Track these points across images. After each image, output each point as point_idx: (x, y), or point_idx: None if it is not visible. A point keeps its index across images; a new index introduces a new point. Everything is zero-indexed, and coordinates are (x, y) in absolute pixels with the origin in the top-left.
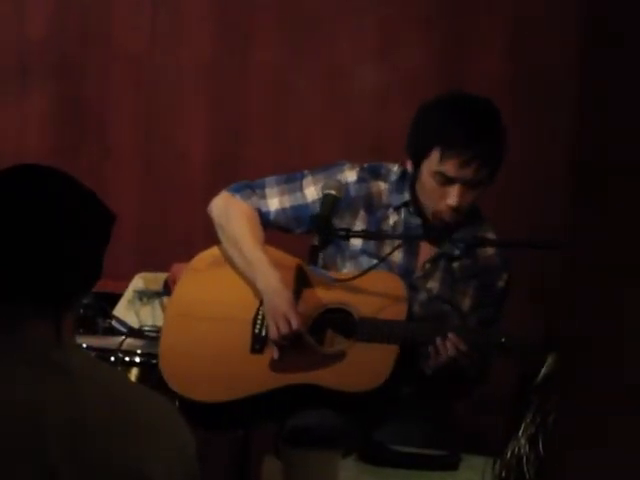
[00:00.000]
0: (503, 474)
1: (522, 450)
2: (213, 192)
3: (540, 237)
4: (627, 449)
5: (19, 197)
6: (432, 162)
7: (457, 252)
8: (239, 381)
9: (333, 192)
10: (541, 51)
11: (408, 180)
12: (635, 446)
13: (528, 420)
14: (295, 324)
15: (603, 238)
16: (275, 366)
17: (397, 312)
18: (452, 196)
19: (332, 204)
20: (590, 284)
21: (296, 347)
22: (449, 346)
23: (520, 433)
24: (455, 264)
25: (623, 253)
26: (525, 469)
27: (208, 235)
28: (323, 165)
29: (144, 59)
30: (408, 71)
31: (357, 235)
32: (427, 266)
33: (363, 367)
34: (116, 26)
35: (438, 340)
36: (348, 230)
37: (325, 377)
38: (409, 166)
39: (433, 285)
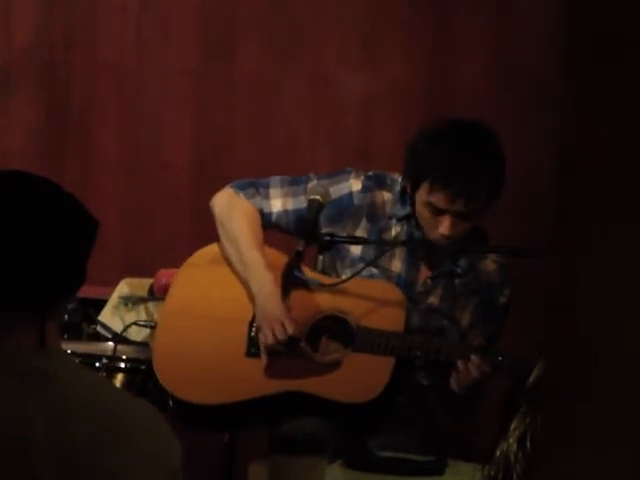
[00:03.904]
0: (492, 473)
1: (510, 449)
2: (198, 199)
3: (527, 245)
4: (613, 448)
5: (1, 202)
6: (423, 193)
7: (459, 270)
8: (232, 385)
9: (318, 198)
10: (526, 58)
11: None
12: (621, 444)
13: (517, 421)
14: (291, 329)
15: (590, 241)
16: (269, 371)
17: (395, 322)
18: (444, 226)
19: (318, 210)
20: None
21: (291, 353)
22: (472, 368)
23: (509, 433)
24: (457, 281)
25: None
26: (512, 467)
27: (193, 241)
28: (329, 172)
29: (129, 67)
30: (393, 78)
31: (343, 241)
32: (429, 282)
33: (358, 378)
34: (101, 35)
35: (460, 363)
36: (332, 235)
37: (319, 386)
38: (409, 189)
39: (433, 300)
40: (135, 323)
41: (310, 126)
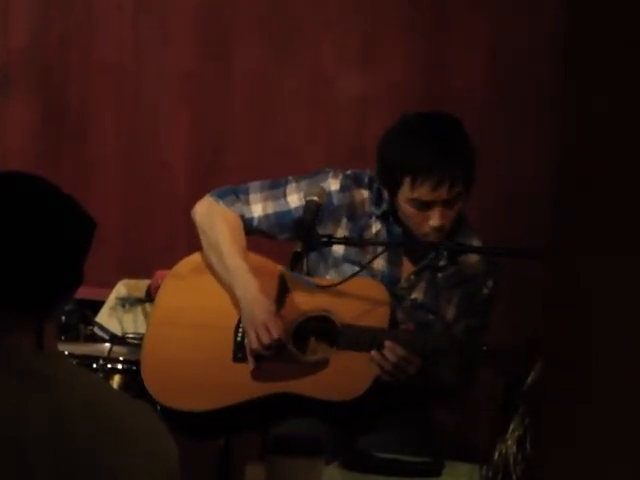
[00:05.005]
0: (490, 474)
1: (509, 451)
2: (195, 200)
3: (523, 245)
4: (611, 446)
5: None
6: (405, 190)
7: (442, 263)
8: (221, 390)
9: (316, 199)
10: (525, 58)
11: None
12: (619, 442)
13: (516, 423)
14: (276, 332)
15: (586, 241)
16: (257, 375)
17: (379, 319)
18: (434, 218)
19: (315, 211)
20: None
21: (278, 356)
22: (387, 354)
23: (507, 435)
24: (440, 274)
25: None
26: (512, 469)
27: (191, 242)
28: (307, 173)
29: (126, 67)
30: (392, 78)
31: (340, 242)
32: (412, 278)
33: (345, 376)
34: (98, 35)
35: (373, 353)
36: (331, 236)
37: (307, 386)
38: (385, 194)
39: (417, 295)
40: (124, 336)
41: (309, 126)
